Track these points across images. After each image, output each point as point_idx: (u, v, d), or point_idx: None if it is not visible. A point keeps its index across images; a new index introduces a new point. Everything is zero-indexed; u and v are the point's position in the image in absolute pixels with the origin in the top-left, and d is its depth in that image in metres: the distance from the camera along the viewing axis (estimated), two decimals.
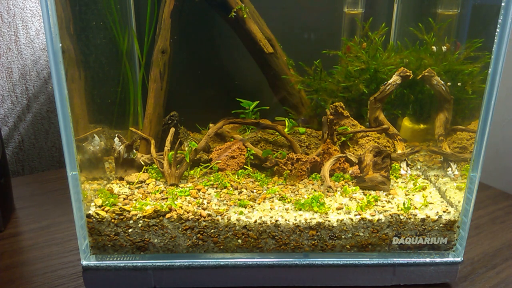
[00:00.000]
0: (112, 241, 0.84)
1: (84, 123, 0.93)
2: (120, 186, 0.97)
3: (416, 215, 0.85)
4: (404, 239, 0.86)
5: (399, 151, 1.06)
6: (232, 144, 1.06)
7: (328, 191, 0.93)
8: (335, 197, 0.91)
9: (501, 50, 0.75)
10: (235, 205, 0.88)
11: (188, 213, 0.84)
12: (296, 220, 0.84)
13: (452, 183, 0.99)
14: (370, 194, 0.91)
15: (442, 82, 1.04)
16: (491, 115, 0.79)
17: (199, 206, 0.86)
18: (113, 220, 0.83)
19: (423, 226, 0.85)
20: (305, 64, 1.18)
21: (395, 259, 0.87)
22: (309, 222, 0.83)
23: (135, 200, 0.89)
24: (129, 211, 0.84)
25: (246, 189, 0.95)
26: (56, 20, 0.71)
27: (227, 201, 0.89)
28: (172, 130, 1.03)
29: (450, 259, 0.87)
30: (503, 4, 0.73)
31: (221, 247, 0.85)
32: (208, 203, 0.88)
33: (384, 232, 0.85)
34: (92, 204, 0.87)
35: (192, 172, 1.03)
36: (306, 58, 1.19)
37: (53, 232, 1.08)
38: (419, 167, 1.10)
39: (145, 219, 0.83)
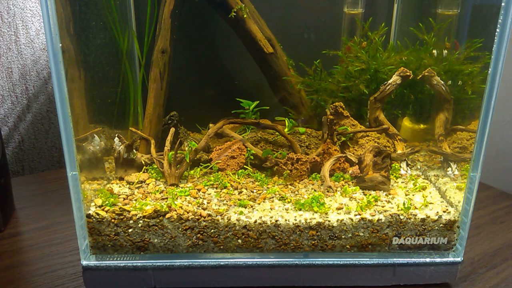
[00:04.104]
0: (112, 241, 0.84)
1: (84, 123, 0.93)
2: (120, 186, 0.97)
3: (416, 215, 0.85)
4: (404, 239, 0.86)
5: (399, 151, 1.06)
6: (232, 144, 1.06)
7: (328, 191, 0.93)
8: (335, 197, 0.91)
9: (501, 50, 0.75)
10: (235, 205, 0.88)
11: (188, 213, 0.84)
12: (296, 220, 0.84)
13: (452, 183, 0.99)
14: (370, 194, 0.91)
15: (442, 82, 1.04)
16: (491, 115, 0.79)
17: (199, 206, 0.86)
18: (113, 220, 0.83)
19: (423, 226, 0.85)
20: (305, 64, 1.18)
21: (395, 259, 0.87)
22: (309, 222, 0.83)
23: (135, 200, 0.89)
24: (129, 211, 0.84)
25: (246, 189, 0.95)
26: (56, 20, 0.71)
27: (227, 201, 0.89)
28: (172, 130, 1.03)
29: (450, 259, 0.87)
30: (503, 4, 0.73)
31: (221, 247, 0.85)
32: (208, 203, 0.88)
33: (384, 232, 0.85)
34: (92, 204, 0.87)
35: (192, 172, 1.03)
36: (306, 58, 1.19)
37: (53, 232, 1.08)
38: (419, 167, 1.10)
39: (145, 219, 0.83)
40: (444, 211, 0.86)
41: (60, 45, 0.73)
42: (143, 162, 1.04)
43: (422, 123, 1.18)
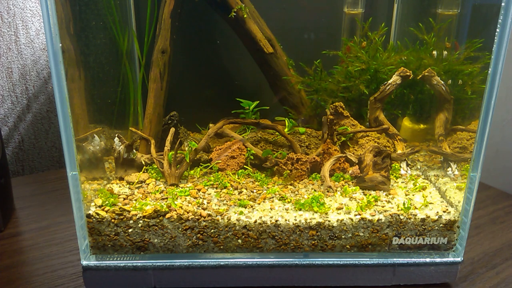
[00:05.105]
0: (112, 241, 0.84)
1: (84, 123, 0.93)
2: (120, 186, 0.97)
3: (416, 215, 0.85)
4: (404, 239, 0.86)
5: (399, 151, 1.06)
6: (232, 144, 1.06)
7: (328, 191, 0.93)
8: (335, 197, 0.91)
9: (501, 50, 0.75)
10: (235, 205, 0.88)
11: (188, 213, 0.84)
12: (296, 220, 0.84)
13: (452, 183, 0.99)
14: (370, 194, 0.91)
15: (442, 82, 1.04)
16: (491, 115, 0.79)
17: (199, 206, 0.86)
18: (113, 220, 0.83)
19: (423, 226, 0.85)
20: (305, 64, 1.18)
21: (395, 259, 0.87)
22: (309, 222, 0.83)
23: (135, 200, 0.89)
24: (129, 211, 0.84)
25: (246, 189, 0.95)
26: (56, 20, 0.71)
27: (227, 201, 0.89)
28: (172, 130, 1.03)
29: (450, 259, 0.87)
30: (503, 4, 0.73)
31: (221, 247, 0.85)
32: (208, 203, 0.88)
33: (384, 232, 0.85)
34: (92, 204, 0.87)
35: (192, 172, 1.03)
36: (306, 58, 1.19)
37: (53, 232, 1.08)
38: (419, 167, 1.10)
39: (145, 219, 0.83)
40: (444, 211, 0.86)
41: (60, 45, 0.73)
42: (143, 162, 1.04)
43: (422, 123, 1.18)
